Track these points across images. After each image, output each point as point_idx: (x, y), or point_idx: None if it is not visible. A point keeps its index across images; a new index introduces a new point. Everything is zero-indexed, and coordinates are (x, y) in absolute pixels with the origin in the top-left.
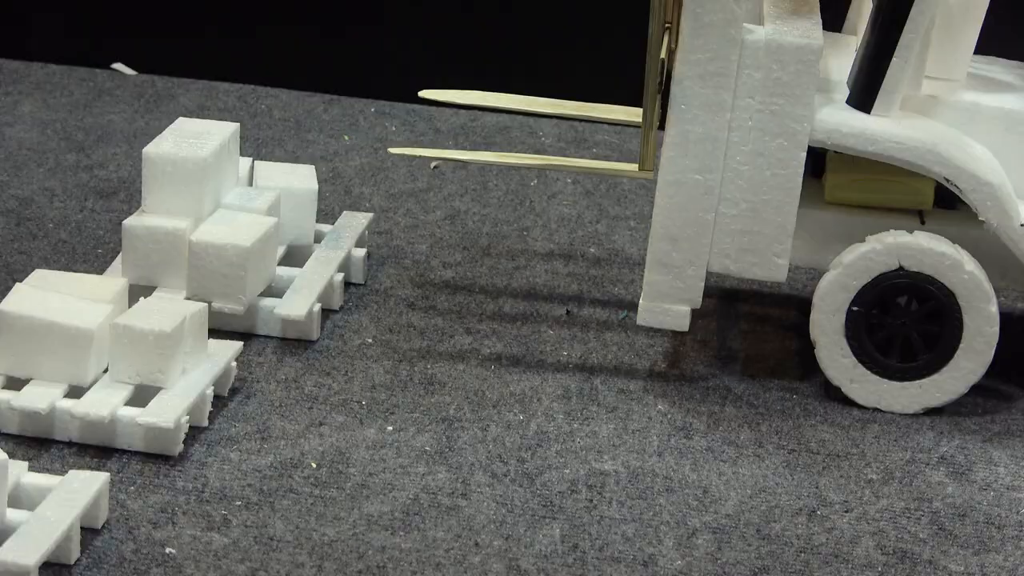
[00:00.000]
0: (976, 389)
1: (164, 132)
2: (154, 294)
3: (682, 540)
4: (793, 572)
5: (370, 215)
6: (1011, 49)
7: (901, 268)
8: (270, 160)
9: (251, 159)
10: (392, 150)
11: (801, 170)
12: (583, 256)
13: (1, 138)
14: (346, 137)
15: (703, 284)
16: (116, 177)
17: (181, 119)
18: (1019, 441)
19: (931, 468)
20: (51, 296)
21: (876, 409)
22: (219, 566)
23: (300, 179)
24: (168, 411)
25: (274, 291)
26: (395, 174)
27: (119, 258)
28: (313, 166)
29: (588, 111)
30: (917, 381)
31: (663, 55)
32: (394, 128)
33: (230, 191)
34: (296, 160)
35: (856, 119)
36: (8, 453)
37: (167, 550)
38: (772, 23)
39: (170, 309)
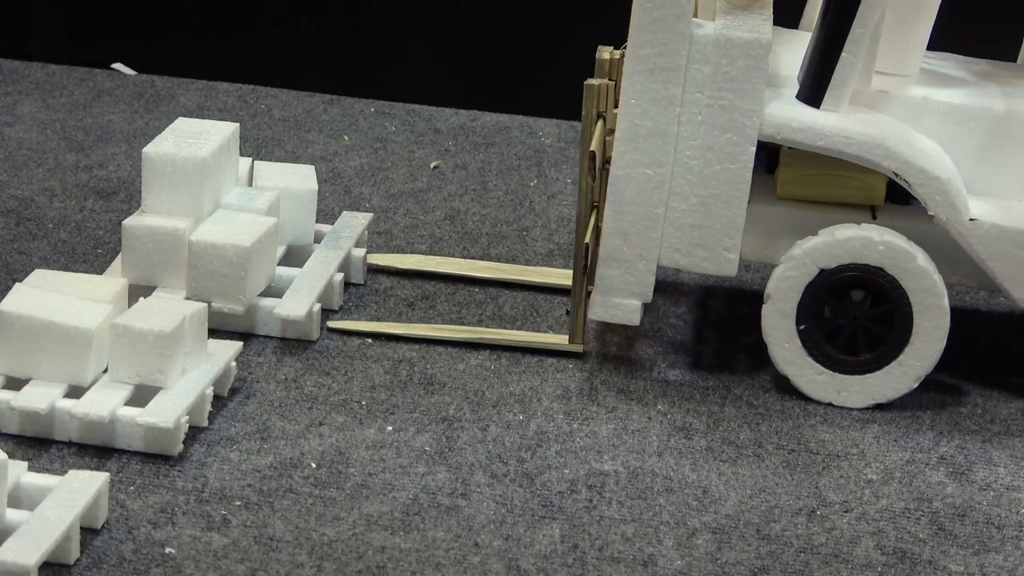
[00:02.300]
0: (976, 389)
1: (164, 132)
2: (154, 294)
3: (682, 540)
4: (793, 572)
5: (370, 215)
6: (979, 46)
7: (852, 262)
8: (270, 160)
9: (251, 159)
10: (331, 323)
11: (751, 165)
12: None
13: (1, 138)
14: (346, 137)
15: (654, 278)
16: (116, 177)
17: (181, 119)
18: (1019, 441)
19: (931, 468)
20: (51, 296)
21: (869, 409)
22: (219, 566)
23: (300, 179)
24: (168, 411)
25: (274, 291)
26: (395, 174)
27: (119, 258)
28: (313, 166)
29: (524, 274)
30: (868, 375)
31: (587, 240)
32: (394, 128)
33: (230, 191)
34: (296, 160)
35: (805, 114)
36: (8, 453)
37: (167, 550)
38: (722, 18)
39: (170, 309)
